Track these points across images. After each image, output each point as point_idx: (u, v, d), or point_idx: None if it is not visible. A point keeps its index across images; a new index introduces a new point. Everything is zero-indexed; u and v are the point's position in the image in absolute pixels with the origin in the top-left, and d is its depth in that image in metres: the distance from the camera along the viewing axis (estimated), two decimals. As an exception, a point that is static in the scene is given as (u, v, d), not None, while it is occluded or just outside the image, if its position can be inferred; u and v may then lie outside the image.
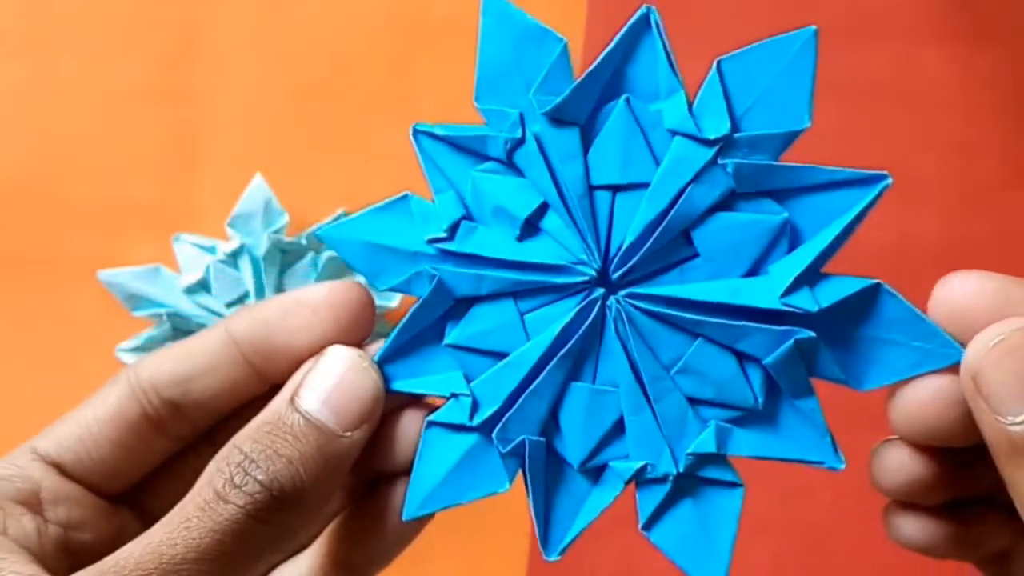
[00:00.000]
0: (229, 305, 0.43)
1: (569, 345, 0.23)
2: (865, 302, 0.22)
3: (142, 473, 0.25)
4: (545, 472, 0.23)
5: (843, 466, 0.22)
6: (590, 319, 0.23)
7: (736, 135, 0.22)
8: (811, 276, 0.22)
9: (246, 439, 0.22)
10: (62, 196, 0.49)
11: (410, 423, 0.24)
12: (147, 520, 0.23)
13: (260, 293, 0.42)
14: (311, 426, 0.22)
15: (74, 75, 0.50)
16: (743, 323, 0.22)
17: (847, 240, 0.23)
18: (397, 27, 0.50)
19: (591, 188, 0.23)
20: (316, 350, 0.23)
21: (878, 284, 0.22)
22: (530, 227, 0.23)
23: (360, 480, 0.25)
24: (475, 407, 0.23)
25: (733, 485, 0.23)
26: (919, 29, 0.51)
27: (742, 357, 0.22)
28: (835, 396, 0.23)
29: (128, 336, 0.45)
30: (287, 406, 0.22)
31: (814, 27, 0.23)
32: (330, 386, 0.23)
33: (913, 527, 0.23)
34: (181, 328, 0.43)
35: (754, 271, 0.22)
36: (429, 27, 0.50)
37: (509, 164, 0.23)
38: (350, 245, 0.24)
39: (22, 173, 0.49)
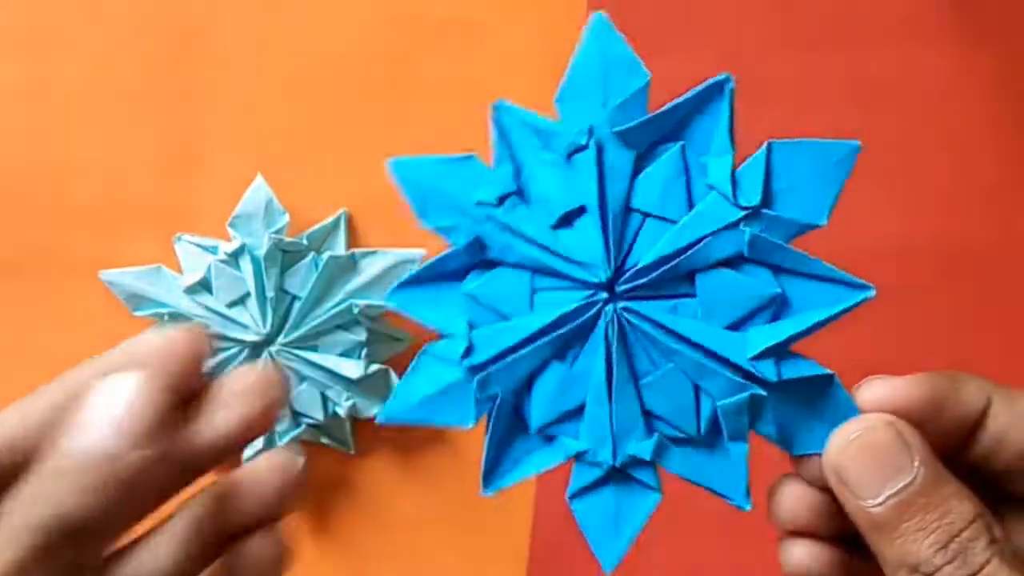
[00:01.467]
0: (230, 305, 0.43)
1: (563, 330, 0.26)
2: (816, 385, 0.25)
3: None
4: (506, 424, 0.27)
5: (749, 507, 0.26)
6: (588, 315, 0.26)
7: (763, 209, 0.26)
8: (780, 351, 0.25)
9: (37, 477, 0.22)
10: (63, 196, 0.49)
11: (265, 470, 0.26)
12: None
13: (261, 293, 0.42)
14: (88, 455, 0.22)
15: (75, 75, 0.50)
16: (712, 365, 0.25)
17: (820, 329, 0.26)
18: (397, 27, 0.50)
19: (627, 208, 0.26)
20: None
21: (831, 375, 0.25)
22: (565, 221, 0.27)
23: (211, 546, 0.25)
24: (469, 351, 0.26)
25: (652, 490, 0.26)
26: (919, 30, 0.51)
27: (700, 391, 0.26)
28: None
29: (128, 336, 0.45)
30: (63, 440, 0.23)
31: (858, 143, 0.27)
32: (107, 412, 0.23)
33: (804, 553, 0.26)
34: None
35: (736, 326, 0.26)
36: (429, 27, 0.50)
37: (567, 162, 0.27)
38: (410, 179, 0.27)
39: (23, 173, 0.49)
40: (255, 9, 0.50)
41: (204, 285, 0.43)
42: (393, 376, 0.44)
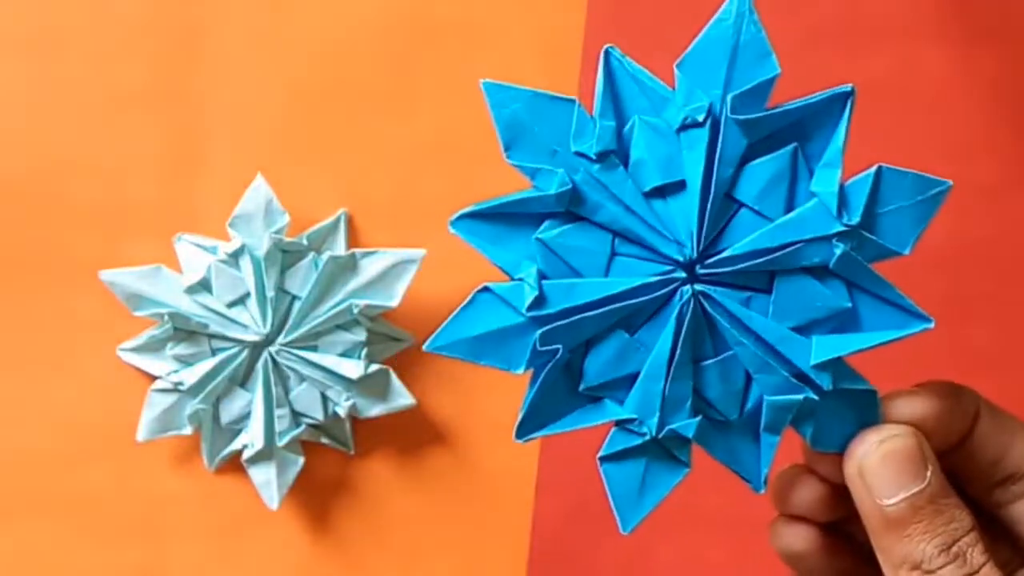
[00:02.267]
0: (230, 305, 0.43)
1: (637, 300, 0.26)
2: (858, 397, 0.27)
3: None
4: (555, 377, 0.27)
5: (763, 491, 0.27)
6: (664, 291, 0.27)
7: (861, 230, 0.27)
8: (838, 362, 0.27)
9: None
10: (63, 196, 0.49)
11: None
12: None
13: (261, 293, 0.42)
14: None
15: (75, 75, 0.50)
16: (774, 363, 0.27)
17: (876, 348, 0.28)
18: (398, 27, 0.50)
19: (727, 195, 0.27)
20: None
21: (874, 391, 0.27)
22: (659, 192, 0.27)
23: None
24: (538, 302, 0.26)
25: (683, 465, 0.27)
26: (919, 30, 0.51)
27: (751, 381, 0.27)
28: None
29: (129, 336, 0.45)
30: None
31: (950, 183, 0.28)
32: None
33: (799, 535, 0.29)
34: (182, 328, 0.43)
35: (801, 330, 0.27)
36: (430, 27, 0.50)
37: (676, 133, 0.26)
38: (504, 107, 0.26)
39: (23, 173, 0.49)
40: (256, 10, 0.50)
41: (204, 285, 0.43)
42: (393, 376, 0.44)
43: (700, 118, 0.27)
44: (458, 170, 0.50)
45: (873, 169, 0.28)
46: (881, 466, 0.26)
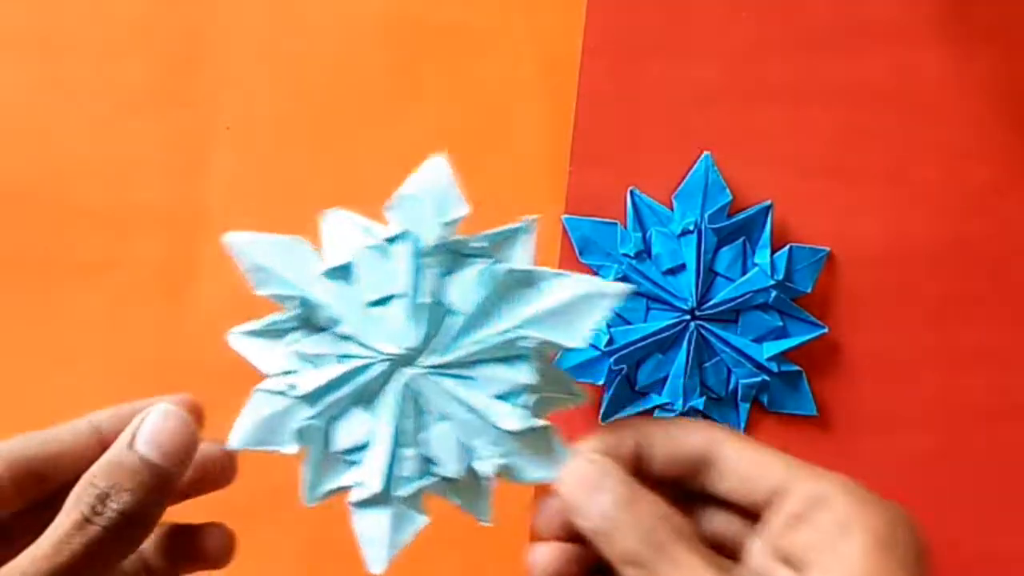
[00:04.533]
0: (372, 304, 0.34)
1: (663, 335, 0.52)
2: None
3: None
4: (620, 384, 0.53)
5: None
6: (678, 328, 0.52)
7: (784, 282, 0.53)
8: (779, 357, 0.53)
9: (99, 475, 0.31)
10: (68, 198, 0.49)
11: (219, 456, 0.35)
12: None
13: (414, 297, 0.33)
14: (144, 463, 0.31)
15: (81, 77, 0.50)
16: (744, 361, 0.53)
17: (800, 346, 0.54)
18: (399, 30, 0.51)
19: (709, 269, 0.53)
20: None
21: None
22: (671, 272, 0.53)
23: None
24: (610, 342, 0.52)
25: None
26: (915, 33, 0.53)
27: (731, 373, 0.53)
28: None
29: (135, 338, 0.46)
30: (126, 449, 0.31)
31: (827, 250, 0.50)
32: (156, 431, 0.32)
33: (552, 553, 0.33)
34: (310, 321, 0.34)
35: (758, 341, 0.54)
36: (432, 31, 0.51)
37: (677, 238, 0.53)
38: (577, 230, 0.52)
39: (29, 175, 0.50)
40: (261, 13, 0.51)
41: (346, 273, 0.34)
42: (556, 439, 0.33)
43: (691, 228, 0.52)
44: (459, 172, 0.52)
45: (787, 248, 0.53)
46: (574, 489, 0.31)
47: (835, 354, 0.53)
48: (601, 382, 0.53)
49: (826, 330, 0.52)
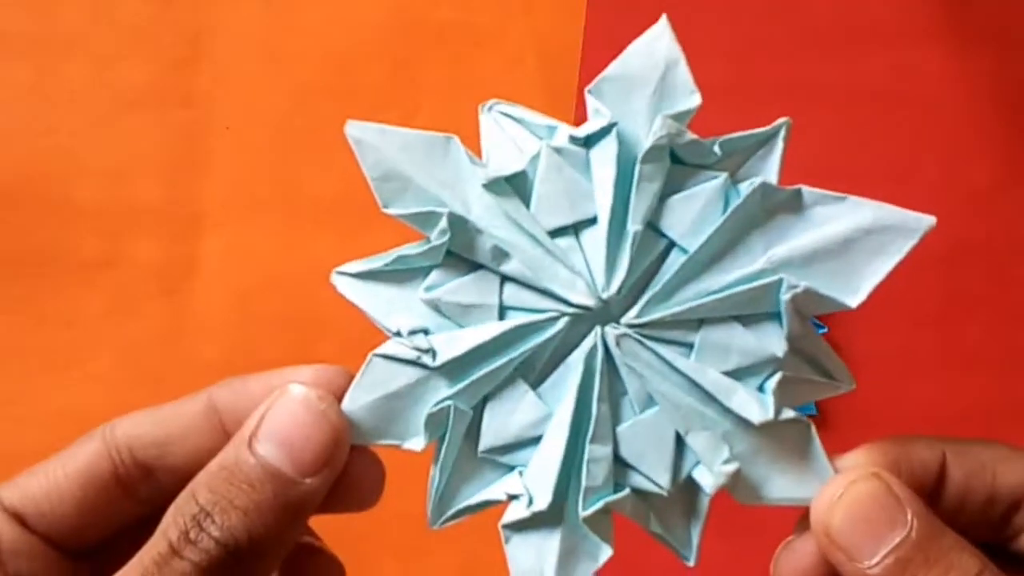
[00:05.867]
0: (556, 233, 0.23)
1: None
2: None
3: (105, 533, 0.25)
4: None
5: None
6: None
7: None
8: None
9: (202, 486, 0.22)
10: (68, 197, 0.49)
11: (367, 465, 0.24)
12: None
13: (619, 223, 0.23)
14: (267, 473, 0.22)
15: (80, 77, 0.50)
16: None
17: None
18: (399, 29, 0.51)
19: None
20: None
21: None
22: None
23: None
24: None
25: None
26: (916, 33, 0.52)
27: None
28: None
29: (139, 338, 0.45)
30: (244, 450, 0.22)
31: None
32: (287, 429, 0.22)
33: None
34: (465, 253, 0.23)
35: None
36: (431, 30, 0.50)
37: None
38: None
39: (29, 174, 0.49)
40: (260, 12, 0.51)
41: (519, 185, 0.23)
42: (816, 442, 0.23)
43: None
44: None
45: None
46: (849, 522, 0.22)
47: (837, 354, 0.51)
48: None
49: (826, 330, 0.50)
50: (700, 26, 0.53)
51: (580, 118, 0.51)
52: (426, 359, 0.23)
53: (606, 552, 0.23)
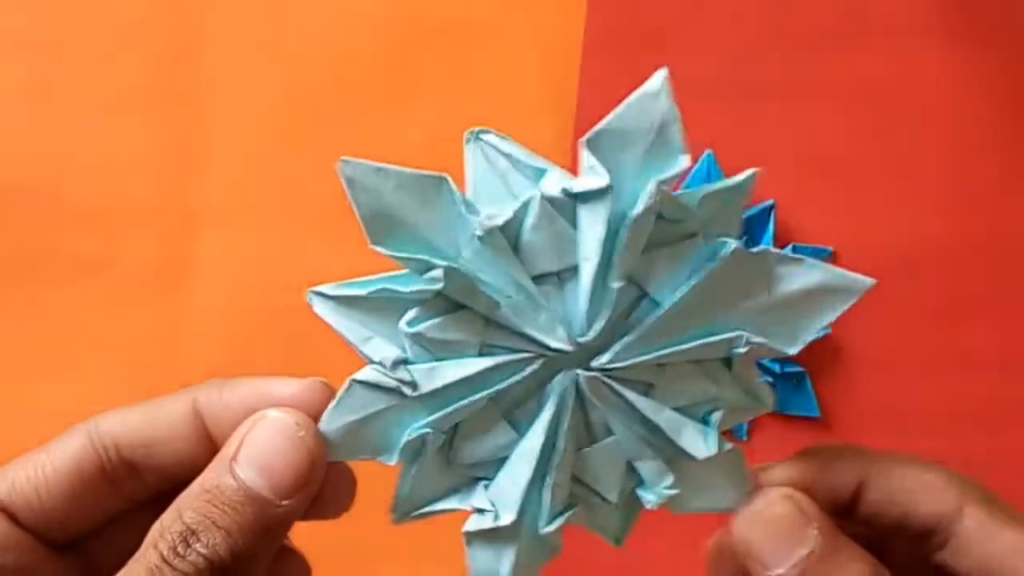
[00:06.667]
0: (539, 280, 0.24)
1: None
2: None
3: (90, 527, 0.26)
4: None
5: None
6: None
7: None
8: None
9: (187, 507, 0.23)
10: (63, 196, 0.49)
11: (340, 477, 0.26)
12: (92, 570, 0.25)
13: (602, 275, 0.24)
14: (248, 497, 0.23)
15: (76, 75, 0.50)
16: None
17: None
18: (398, 27, 0.50)
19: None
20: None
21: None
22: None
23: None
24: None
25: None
26: (918, 30, 0.51)
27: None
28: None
29: (133, 333, 0.46)
30: (226, 475, 0.23)
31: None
32: (266, 455, 0.23)
33: None
34: (455, 297, 0.24)
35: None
36: (430, 28, 0.50)
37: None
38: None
39: (23, 173, 0.49)
40: (256, 11, 0.50)
41: (509, 232, 0.24)
42: (744, 465, 0.26)
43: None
44: (458, 170, 0.53)
45: (790, 247, 0.47)
46: (764, 538, 0.25)
47: (839, 355, 0.52)
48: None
49: (828, 331, 0.50)
50: (703, 22, 0.52)
51: (580, 118, 0.50)
52: (406, 389, 0.24)
53: (556, 552, 0.26)
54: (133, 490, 0.26)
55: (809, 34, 0.52)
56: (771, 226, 0.51)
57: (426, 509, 0.26)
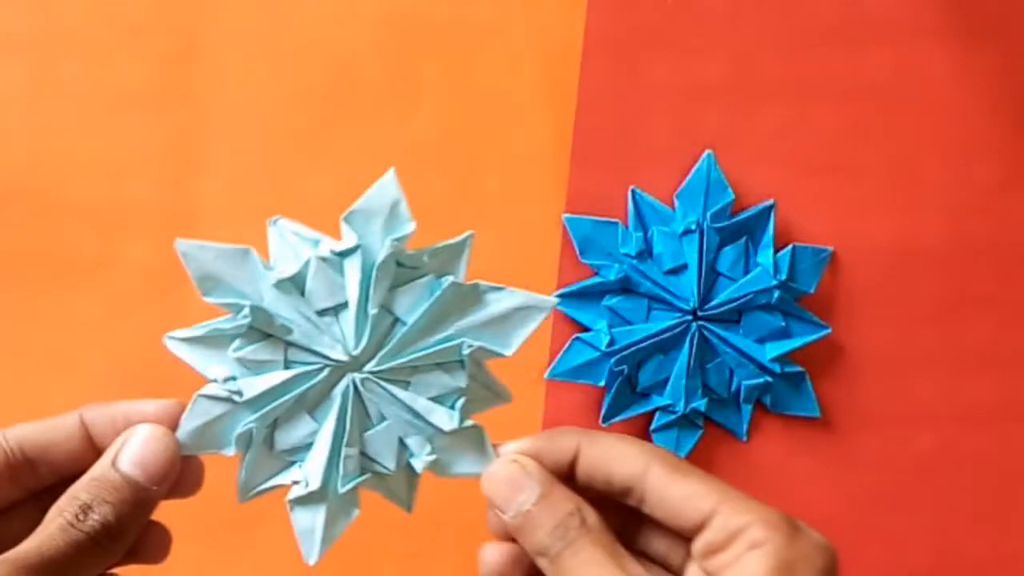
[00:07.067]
0: (321, 313, 0.35)
1: (665, 336, 0.51)
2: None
3: None
4: (621, 386, 0.52)
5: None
6: (680, 329, 0.52)
7: (788, 282, 0.53)
8: (783, 358, 0.54)
9: (81, 491, 0.32)
10: (63, 196, 0.49)
11: (191, 465, 0.35)
12: None
13: (363, 307, 0.35)
14: (128, 483, 0.33)
15: (76, 76, 0.49)
16: (746, 362, 0.52)
17: (803, 346, 0.54)
18: (398, 27, 0.50)
19: (712, 269, 0.53)
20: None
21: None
22: (674, 271, 0.52)
23: None
24: (611, 343, 0.52)
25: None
26: (919, 30, 0.52)
27: (733, 374, 0.53)
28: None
29: (131, 336, 0.46)
30: (110, 468, 0.33)
31: (830, 249, 0.49)
32: (141, 454, 0.33)
33: (499, 552, 0.35)
34: (261, 328, 0.35)
35: (760, 342, 0.54)
36: (430, 28, 0.50)
37: (679, 237, 0.53)
38: (577, 229, 0.53)
39: (23, 173, 0.49)
40: (256, 11, 0.50)
41: (297, 283, 0.35)
42: (486, 438, 0.37)
43: (694, 227, 0.51)
44: (458, 170, 0.51)
45: (790, 247, 0.52)
46: (498, 489, 0.34)
47: (839, 355, 0.53)
48: (602, 383, 0.52)
49: (829, 331, 0.51)
50: (703, 23, 0.52)
51: (580, 118, 0.55)
52: (235, 397, 0.35)
53: (355, 513, 0.37)
54: (29, 483, 0.34)
55: (809, 34, 0.51)
56: (771, 226, 0.52)
57: (261, 487, 0.36)
